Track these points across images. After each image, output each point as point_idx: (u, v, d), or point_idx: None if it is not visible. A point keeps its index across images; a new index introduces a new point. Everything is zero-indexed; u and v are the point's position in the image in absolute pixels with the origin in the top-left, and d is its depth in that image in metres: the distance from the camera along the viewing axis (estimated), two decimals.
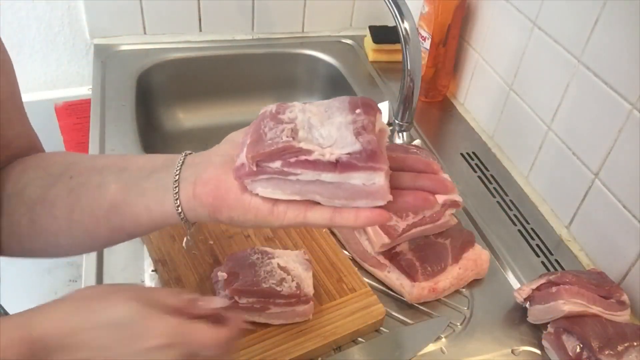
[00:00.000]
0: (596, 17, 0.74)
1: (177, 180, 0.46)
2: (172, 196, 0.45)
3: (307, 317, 0.63)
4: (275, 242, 0.72)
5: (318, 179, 0.41)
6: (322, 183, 0.41)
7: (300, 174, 0.41)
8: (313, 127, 0.42)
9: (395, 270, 0.70)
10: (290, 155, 0.41)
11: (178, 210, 0.45)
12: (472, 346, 0.66)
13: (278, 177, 0.42)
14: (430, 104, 1.10)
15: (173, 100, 1.16)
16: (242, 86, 1.21)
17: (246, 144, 0.43)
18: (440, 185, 0.45)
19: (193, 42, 1.16)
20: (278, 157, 0.41)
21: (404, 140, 0.91)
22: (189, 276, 0.66)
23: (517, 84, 0.92)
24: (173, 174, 0.46)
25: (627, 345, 0.61)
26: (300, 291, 0.61)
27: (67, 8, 1.09)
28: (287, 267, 0.63)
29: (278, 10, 1.20)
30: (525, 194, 0.90)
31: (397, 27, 0.80)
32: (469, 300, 0.72)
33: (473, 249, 0.74)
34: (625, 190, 0.72)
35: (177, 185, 0.46)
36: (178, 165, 0.47)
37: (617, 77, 0.72)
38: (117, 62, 1.08)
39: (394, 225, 0.68)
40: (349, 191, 0.41)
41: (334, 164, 0.40)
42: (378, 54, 1.19)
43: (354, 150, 0.40)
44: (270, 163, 0.41)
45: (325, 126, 0.42)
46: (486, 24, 0.99)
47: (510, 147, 0.96)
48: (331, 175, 0.41)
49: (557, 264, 0.79)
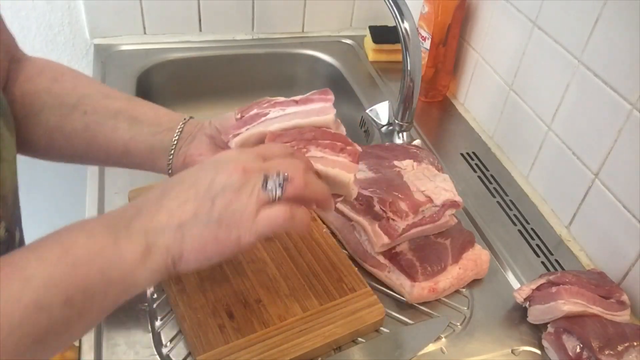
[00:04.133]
0: (596, 17, 0.74)
1: (173, 149, 0.59)
2: (167, 159, 0.60)
3: (350, 176, 0.52)
4: (275, 242, 0.72)
5: (283, 114, 0.55)
6: (285, 115, 0.55)
7: (269, 112, 0.55)
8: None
9: (395, 270, 0.70)
10: (265, 102, 0.56)
11: (169, 171, 0.60)
12: (472, 346, 0.66)
13: (252, 125, 0.55)
14: (430, 104, 1.10)
15: (173, 100, 1.16)
16: (242, 86, 1.21)
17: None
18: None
19: (193, 42, 1.16)
20: (255, 105, 0.56)
21: (404, 140, 0.91)
22: (189, 276, 0.66)
23: (517, 84, 0.92)
24: (172, 139, 0.59)
25: (627, 345, 0.61)
26: (345, 136, 0.55)
27: (67, 8, 1.09)
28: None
29: (278, 10, 1.20)
30: (525, 194, 0.90)
31: (397, 27, 0.80)
32: (469, 300, 0.72)
33: (473, 249, 0.74)
34: (625, 190, 0.72)
35: (172, 154, 0.59)
36: (177, 133, 0.60)
37: (617, 77, 0.72)
38: (117, 62, 1.08)
39: (394, 225, 0.68)
40: (305, 114, 0.55)
41: (296, 100, 0.56)
42: (378, 54, 1.19)
43: (311, 93, 0.56)
44: (250, 112, 0.56)
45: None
46: (486, 24, 0.99)
47: (510, 147, 0.96)
48: (294, 108, 0.55)
49: (557, 264, 0.79)
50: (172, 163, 0.60)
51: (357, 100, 1.10)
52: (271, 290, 0.66)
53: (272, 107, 0.55)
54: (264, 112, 0.55)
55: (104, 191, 0.79)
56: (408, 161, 0.78)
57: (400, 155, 0.79)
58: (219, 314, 0.63)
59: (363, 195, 0.71)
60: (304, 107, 0.55)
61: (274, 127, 0.54)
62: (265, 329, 0.62)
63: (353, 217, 0.72)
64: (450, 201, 0.71)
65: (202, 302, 0.64)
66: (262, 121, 0.55)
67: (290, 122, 0.54)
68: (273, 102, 0.56)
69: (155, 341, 0.62)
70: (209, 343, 0.59)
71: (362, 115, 1.05)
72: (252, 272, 0.68)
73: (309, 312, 0.64)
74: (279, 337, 0.61)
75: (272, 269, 0.69)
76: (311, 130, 0.54)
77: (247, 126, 0.55)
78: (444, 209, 0.71)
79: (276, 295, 0.66)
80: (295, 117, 0.54)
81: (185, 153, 0.60)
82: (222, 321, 0.62)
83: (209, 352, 0.59)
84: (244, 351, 0.59)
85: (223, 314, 0.63)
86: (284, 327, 0.62)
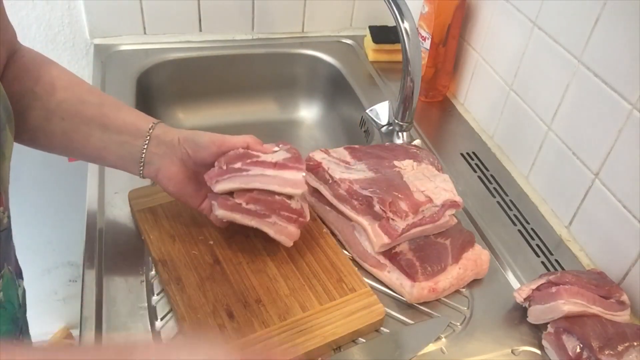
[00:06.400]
0: (596, 17, 0.74)
1: (142, 161, 0.64)
2: (138, 169, 0.64)
3: (291, 241, 0.67)
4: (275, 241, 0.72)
5: (262, 174, 0.63)
6: (264, 176, 0.63)
7: (250, 170, 0.63)
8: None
9: (395, 270, 0.70)
10: (248, 158, 0.64)
11: (142, 177, 0.66)
12: (472, 346, 0.66)
13: (235, 175, 0.63)
14: (430, 104, 1.10)
15: (173, 100, 1.16)
16: (242, 86, 1.21)
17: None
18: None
19: (193, 42, 1.16)
20: (239, 160, 0.63)
21: (404, 140, 0.91)
22: (189, 276, 0.66)
23: (517, 84, 0.92)
24: (141, 151, 0.63)
25: (627, 345, 0.61)
26: (303, 212, 0.67)
27: (67, 8, 1.09)
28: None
29: (278, 10, 1.20)
30: (525, 194, 0.90)
31: (397, 27, 0.80)
32: (469, 300, 0.72)
33: (473, 249, 0.74)
34: (625, 190, 0.72)
35: (142, 166, 0.64)
36: (145, 143, 0.63)
37: (617, 77, 0.72)
38: (117, 62, 1.08)
39: (394, 225, 0.68)
40: (282, 181, 0.64)
41: (274, 164, 0.64)
42: (378, 54, 1.19)
43: (286, 157, 0.65)
44: (234, 164, 0.63)
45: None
46: (486, 24, 0.99)
47: (510, 147, 0.96)
48: (271, 170, 0.64)
49: (557, 264, 0.79)
50: (144, 172, 0.65)
51: (357, 100, 1.10)
52: (271, 290, 0.66)
53: (254, 165, 0.64)
54: (246, 168, 0.63)
55: (104, 191, 0.79)
56: (408, 161, 0.78)
57: (400, 155, 0.79)
58: (219, 314, 0.63)
59: (363, 195, 0.71)
60: (281, 173, 0.64)
61: (252, 185, 0.63)
62: (265, 329, 0.62)
63: (353, 217, 0.72)
64: (450, 201, 0.71)
65: (202, 302, 0.64)
66: (243, 176, 0.63)
67: (268, 186, 0.63)
68: (255, 160, 0.64)
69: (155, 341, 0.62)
70: None
71: (362, 115, 1.05)
72: (252, 272, 0.68)
73: (309, 312, 0.64)
74: (279, 337, 0.61)
75: (272, 269, 0.69)
76: (278, 202, 0.64)
77: (229, 175, 0.63)
78: (444, 209, 0.71)
79: (276, 295, 0.66)
80: (273, 184, 0.63)
81: (157, 169, 0.65)
82: (222, 321, 0.62)
83: None
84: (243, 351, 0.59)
85: (223, 314, 0.63)
86: (284, 327, 0.62)
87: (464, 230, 0.75)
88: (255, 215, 0.65)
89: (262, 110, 1.24)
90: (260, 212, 0.64)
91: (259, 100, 1.23)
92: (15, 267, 0.58)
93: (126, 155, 0.64)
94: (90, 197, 0.78)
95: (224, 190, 0.64)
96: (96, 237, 0.73)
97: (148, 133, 0.64)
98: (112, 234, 0.73)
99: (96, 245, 0.72)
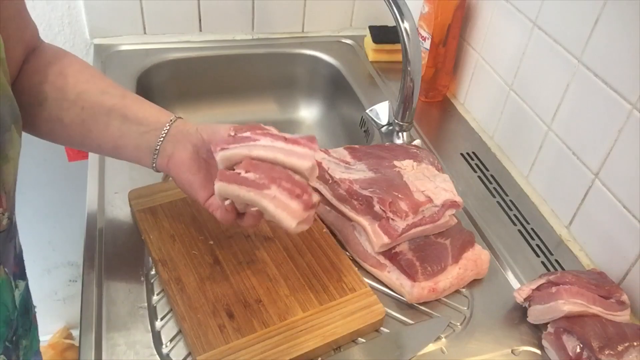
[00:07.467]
0: (596, 17, 0.74)
1: (157, 151, 0.63)
2: (152, 159, 0.64)
3: (293, 220, 0.57)
4: (275, 241, 0.72)
5: (271, 145, 0.59)
6: (273, 147, 0.58)
7: (259, 140, 0.59)
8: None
9: (395, 270, 0.70)
10: (259, 129, 0.60)
11: (154, 168, 0.65)
12: (472, 346, 0.66)
13: (241, 145, 0.59)
14: (430, 104, 1.10)
15: (173, 100, 1.16)
16: (242, 86, 1.21)
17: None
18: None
19: (193, 42, 1.16)
20: (249, 129, 0.60)
21: (404, 140, 0.91)
22: (189, 276, 0.66)
23: (517, 84, 0.92)
24: (157, 141, 0.63)
25: (627, 345, 0.61)
26: (308, 188, 0.58)
27: (67, 8, 1.09)
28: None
29: (278, 10, 1.20)
30: (525, 194, 0.90)
31: (397, 27, 0.80)
32: (469, 300, 0.72)
33: (473, 249, 0.74)
34: (625, 190, 0.72)
35: (157, 155, 0.64)
36: (162, 135, 0.63)
37: (617, 77, 0.72)
38: (117, 62, 1.08)
39: (394, 225, 0.68)
40: (289, 152, 0.58)
41: (286, 138, 0.59)
42: (378, 54, 1.19)
43: (299, 136, 0.60)
44: (243, 133, 0.60)
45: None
46: (486, 24, 0.99)
47: (510, 147, 0.96)
48: (281, 143, 0.59)
49: (557, 264, 0.79)
50: (156, 163, 0.64)
51: (357, 100, 1.10)
52: (271, 290, 0.66)
53: (264, 135, 0.59)
54: (255, 137, 0.59)
55: (104, 191, 0.79)
56: (408, 161, 0.78)
57: (400, 155, 0.79)
58: (219, 314, 0.63)
59: (363, 195, 0.71)
60: (291, 146, 0.59)
61: (256, 152, 0.58)
62: (265, 329, 0.62)
63: (353, 217, 0.72)
64: (450, 201, 0.72)
65: (202, 302, 0.64)
66: (250, 145, 0.59)
67: (273, 154, 0.58)
68: (266, 131, 0.60)
69: (155, 341, 0.62)
70: (209, 343, 0.59)
71: (362, 115, 1.05)
72: (252, 272, 0.68)
73: (309, 312, 0.64)
74: (279, 337, 0.61)
75: (272, 269, 0.69)
76: (280, 171, 0.58)
77: (236, 144, 0.59)
78: (444, 209, 0.71)
79: (276, 295, 0.66)
80: (279, 153, 0.58)
81: (169, 156, 0.63)
82: (222, 321, 0.62)
83: (209, 352, 0.59)
84: (244, 351, 0.59)
85: (223, 314, 0.63)
86: (284, 327, 0.62)
87: (464, 230, 0.75)
88: (254, 185, 0.57)
89: (262, 110, 1.24)
90: (259, 182, 0.56)
91: (259, 100, 1.23)
92: (15, 268, 0.58)
93: (143, 145, 0.64)
94: (90, 197, 0.78)
95: (226, 160, 0.60)
96: (96, 237, 0.73)
97: (168, 124, 0.64)
98: (112, 234, 0.73)
99: (96, 245, 0.72)
